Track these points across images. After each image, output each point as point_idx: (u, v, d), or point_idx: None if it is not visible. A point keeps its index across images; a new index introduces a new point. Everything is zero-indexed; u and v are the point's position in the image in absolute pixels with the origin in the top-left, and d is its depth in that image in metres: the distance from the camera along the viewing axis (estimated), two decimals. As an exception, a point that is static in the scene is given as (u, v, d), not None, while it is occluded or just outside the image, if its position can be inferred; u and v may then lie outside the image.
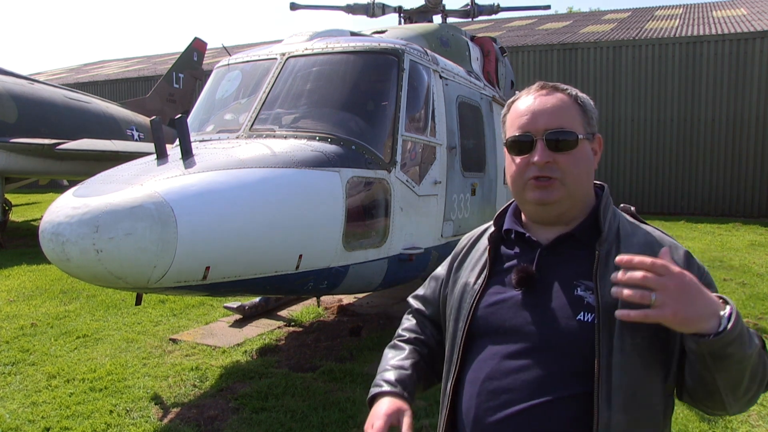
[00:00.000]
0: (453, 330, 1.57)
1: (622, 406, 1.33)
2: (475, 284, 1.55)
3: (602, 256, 1.43)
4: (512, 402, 1.38)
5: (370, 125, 4.82)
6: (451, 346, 1.57)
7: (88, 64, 37.16)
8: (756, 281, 8.16)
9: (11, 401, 4.51)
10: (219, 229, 3.38)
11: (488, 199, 6.46)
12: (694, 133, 16.82)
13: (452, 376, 1.52)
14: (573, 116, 1.49)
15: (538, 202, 1.48)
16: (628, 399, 1.33)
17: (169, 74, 18.48)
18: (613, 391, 1.33)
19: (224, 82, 5.42)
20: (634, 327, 1.32)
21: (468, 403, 1.47)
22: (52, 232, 3.12)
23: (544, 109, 1.49)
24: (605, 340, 1.35)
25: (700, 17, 20.70)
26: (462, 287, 1.59)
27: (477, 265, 1.60)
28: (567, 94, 1.52)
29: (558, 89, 1.53)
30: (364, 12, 8.57)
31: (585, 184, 1.51)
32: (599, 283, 1.39)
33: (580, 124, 1.50)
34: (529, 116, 1.49)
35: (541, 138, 1.46)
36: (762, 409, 4.29)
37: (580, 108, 1.52)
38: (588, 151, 1.51)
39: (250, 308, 6.64)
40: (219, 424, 4.11)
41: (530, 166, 1.47)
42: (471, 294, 1.54)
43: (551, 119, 1.47)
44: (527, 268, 1.47)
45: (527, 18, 26.82)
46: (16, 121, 11.83)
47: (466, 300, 1.55)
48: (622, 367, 1.33)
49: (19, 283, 8.47)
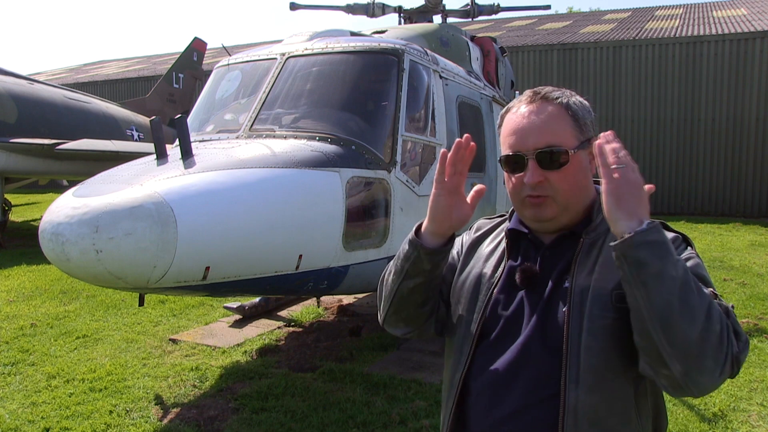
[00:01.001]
0: (465, 319, 1.55)
1: (591, 386, 1.34)
2: (492, 277, 1.55)
3: (586, 244, 1.46)
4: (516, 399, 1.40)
5: (370, 125, 4.82)
6: (462, 335, 1.55)
7: (88, 64, 37.15)
8: (756, 281, 8.16)
9: (11, 401, 4.50)
10: (219, 229, 3.38)
11: (488, 199, 6.46)
12: (694, 133, 16.81)
13: (463, 367, 1.51)
14: (563, 129, 1.48)
15: (534, 219, 1.51)
16: (596, 380, 1.34)
17: (169, 74, 18.47)
18: (581, 371, 1.35)
19: (224, 82, 5.42)
20: (604, 308, 1.36)
21: (476, 398, 1.48)
22: (52, 232, 3.12)
23: (533, 127, 1.47)
24: (576, 321, 1.37)
25: (700, 17, 20.70)
26: (476, 277, 1.58)
27: (492, 257, 1.60)
28: (557, 105, 1.49)
29: (548, 99, 1.50)
30: (364, 12, 8.57)
31: (580, 196, 1.51)
32: (576, 269, 1.43)
33: (571, 135, 1.48)
34: (519, 135, 1.49)
35: (532, 157, 1.46)
36: (762, 409, 4.29)
37: (571, 118, 1.49)
38: (581, 162, 1.49)
39: (250, 308, 6.63)
40: (219, 424, 4.11)
41: (524, 186, 1.48)
42: (487, 286, 1.54)
43: (540, 137, 1.46)
44: (530, 268, 1.49)
45: (527, 18, 26.81)
46: (16, 121, 11.84)
47: (482, 291, 1.54)
48: (590, 348, 1.35)
49: (19, 283, 8.47)
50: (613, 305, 1.36)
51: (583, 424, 1.34)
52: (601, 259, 1.43)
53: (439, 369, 4.95)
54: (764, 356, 5.28)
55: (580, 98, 1.55)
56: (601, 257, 1.43)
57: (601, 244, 1.45)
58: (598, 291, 1.38)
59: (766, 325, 6.08)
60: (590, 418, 1.34)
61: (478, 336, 1.51)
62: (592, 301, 1.38)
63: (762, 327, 6.02)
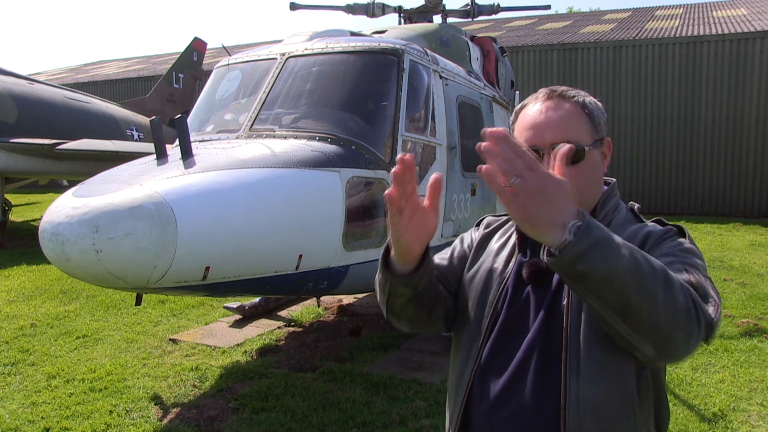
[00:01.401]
0: (475, 315, 1.55)
1: (592, 377, 1.34)
2: (503, 272, 1.55)
3: None
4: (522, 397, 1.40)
5: (370, 125, 4.82)
6: (473, 332, 1.54)
7: (88, 64, 37.14)
8: (756, 281, 8.16)
9: (11, 401, 4.50)
10: (219, 229, 3.38)
11: (488, 199, 6.46)
12: (694, 133, 16.80)
13: (473, 364, 1.50)
14: (580, 127, 1.49)
15: None
16: (598, 371, 1.34)
17: (169, 74, 18.47)
18: (581, 362, 1.34)
19: (224, 82, 5.42)
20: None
21: (482, 394, 1.47)
22: (51, 233, 3.12)
23: (550, 122, 1.48)
24: (575, 312, 1.38)
25: (700, 17, 20.69)
26: (487, 272, 1.58)
27: (502, 252, 1.60)
28: (574, 103, 1.52)
29: (564, 97, 1.52)
30: (364, 12, 8.57)
31: (592, 192, 1.52)
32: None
33: (587, 133, 1.50)
34: (536, 130, 1.49)
35: (549, 152, 1.45)
36: (762, 409, 4.28)
37: (587, 116, 1.51)
38: (596, 160, 1.52)
39: (250, 308, 6.63)
40: (219, 424, 4.11)
41: None
42: (498, 281, 1.54)
43: (557, 133, 1.47)
44: (538, 263, 1.48)
45: (527, 18, 26.81)
46: (16, 121, 11.84)
47: (493, 287, 1.54)
48: (589, 338, 1.35)
49: (19, 283, 8.47)
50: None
51: (585, 415, 1.33)
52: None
53: (439, 369, 4.95)
54: (764, 356, 5.27)
55: (594, 99, 1.57)
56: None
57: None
58: None
59: (766, 325, 6.08)
60: (592, 408, 1.34)
61: (488, 332, 1.50)
62: None
63: (762, 327, 6.01)
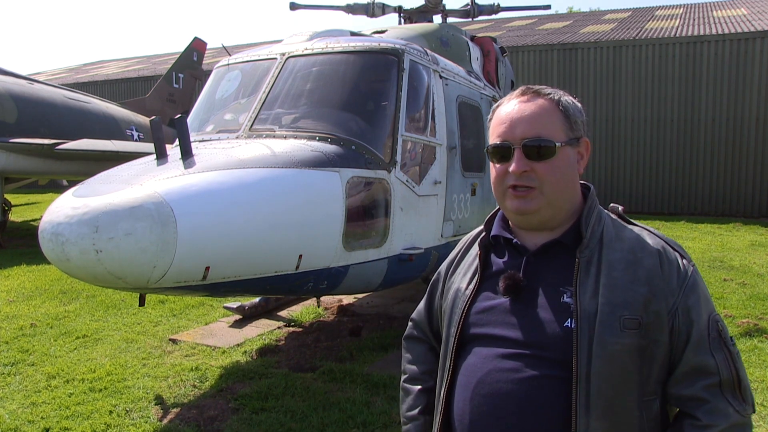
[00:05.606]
0: (446, 336, 1.58)
1: (601, 413, 1.33)
2: (466, 290, 1.55)
3: (583, 263, 1.43)
4: (503, 408, 1.39)
5: (370, 125, 4.82)
6: (444, 352, 1.58)
7: (88, 64, 37.14)
8: (756, 281, 8.15)
9: (11, 401, 4.50)
10: (219, 229, 3.38)
11: (488, 199, 6.46)
12: (694, 133, 16.79)
13: (445, 382, 1.53)
14: (553, 123, 1.47)
15: (517, 211, 1.49)
16: (606, 406, 1.33)
17: (169, 74, 18.47)
18: (592, 398, 1.33)
19: (224, 82, 5.42)
20: (614, 333, 1.34)
21: (461, 407, 1.47)
22: (51, 233, 3.12)
23: (522, 116, 1.47)
24: (584, 347, 1.35)
25: (701, 17, 20.68)
26: (454, 293, 1.59)
27: (468, 270, 1.60)
28: (548, 99, 1.49)
29: (540, 94, 1.50)
30: (364, 12, 8.56)
31: (566, 191, 1.49)
32: (579, 290, 1.40)
33: (560, 130, 1.47)
34: (508, 124, 1.48)
35: (519, 146, 1.45)
36: (762, 409, 4.28)
37: (561, 113, 1.49)
38: (569, 158, 1.48)
39: (250, 308, 6.63)
40: (219, 425, 4.10)
41: (508, 175, 1.46)
42: (462, 300, 1.55)
43: (528, 127, 1.45)
44: (514, 275, 1.47)
45: (527, 18, 26.80)
46: (16, 121, 11.82)
47: (458, 306, 1.55)
48: (600, 374, 1.33)
49: (19, 283, 8.47)
50: (621, 331, 1.35)
51: None
52: (604, 279, 1.40)
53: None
54: (764, 356, 5.27)
55: (573, 99, 1.55)
56: (603, 277, 1.40)
57: (598, 261, 1.43)
58: (607, 315, 1.36)
59: (766, 325, 6.07)
60: None
61: (455, 350, 1.51)
62: (601, 326, 1.35)
63: (762, 327, 6.01)
